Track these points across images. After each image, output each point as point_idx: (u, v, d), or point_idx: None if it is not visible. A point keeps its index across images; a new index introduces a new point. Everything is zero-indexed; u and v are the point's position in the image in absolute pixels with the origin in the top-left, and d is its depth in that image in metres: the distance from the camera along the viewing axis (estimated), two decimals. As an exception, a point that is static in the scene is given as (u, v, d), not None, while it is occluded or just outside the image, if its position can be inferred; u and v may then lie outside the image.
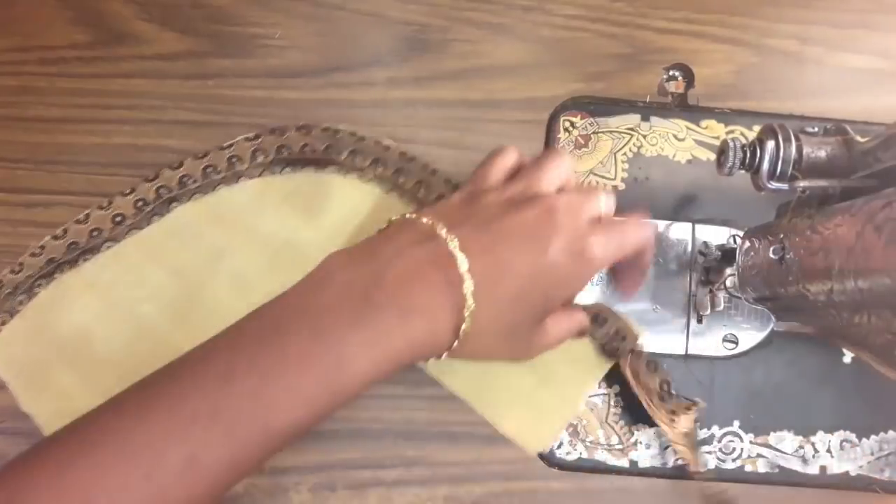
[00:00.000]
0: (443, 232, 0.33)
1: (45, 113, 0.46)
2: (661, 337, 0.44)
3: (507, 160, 0.38)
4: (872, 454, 0.43)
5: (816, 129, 0.34)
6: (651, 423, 0.42)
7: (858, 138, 0.33)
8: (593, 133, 0.46)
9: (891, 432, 0.43)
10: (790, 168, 0.33)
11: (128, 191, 0.43)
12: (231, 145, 0.44)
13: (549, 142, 0.46)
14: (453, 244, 0.32)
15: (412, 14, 0.47)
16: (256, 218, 0.43)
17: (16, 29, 0.46)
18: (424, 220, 0.34)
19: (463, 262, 0.32)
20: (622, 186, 0.45)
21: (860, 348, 0.30)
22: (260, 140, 0.44)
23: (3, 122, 0.46)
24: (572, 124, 0.46)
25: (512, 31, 0.47)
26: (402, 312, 0.31)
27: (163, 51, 0.47)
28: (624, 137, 0.46)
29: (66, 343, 0.41)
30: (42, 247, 0.42)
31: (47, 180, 0.45)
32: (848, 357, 0.44)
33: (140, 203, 0.43)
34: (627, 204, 0.45)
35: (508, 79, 0.47)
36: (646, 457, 0.42)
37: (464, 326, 0.32)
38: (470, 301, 0.32)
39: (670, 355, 0.43)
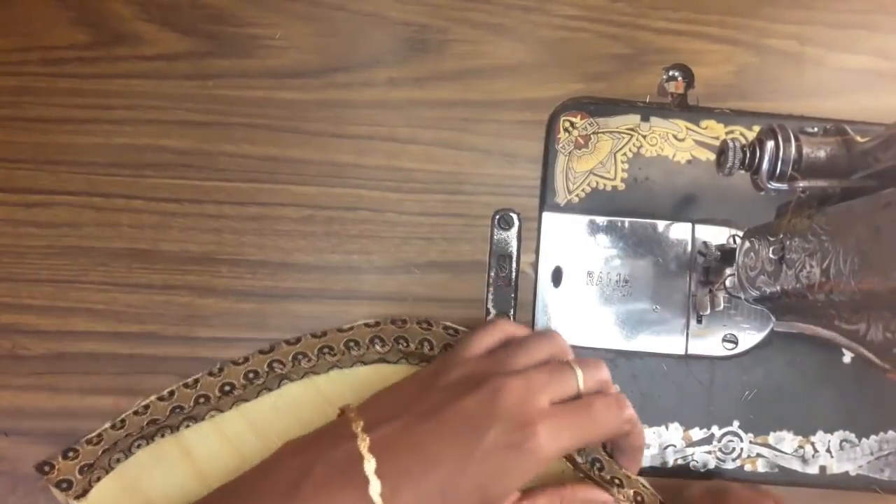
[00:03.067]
0: (358, 430, 0.32)
1: (45, 113, 0.46)
2: (660, 337, 0.44)
3: (491, 337, 0.37)
4: (872, 454, 0.43)
5: (816, 130, 0.34)
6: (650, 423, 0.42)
7: (858, 138, 0.33)
8: (593, 133, 0.46)
9: (890, 432, 0.43)
10: (790, 168, 0.33)
11: (241, 360, 0.41)
12: (351, 328, 0.42)
13: (549, 142, 0.46)
14: (363, 444, 0.32)
15: (412, 14, 0.47)
16: None
17: (16, 29, 0.46)
18: (352, 416, 0.34)
19: (370, 463, 0.31)
20: (622, 187, 0.45)
21: (860, 348, 0.30)
22: (380, 328, 0.42)
23: (4, 123, 0.46)
24: (572, 124, 0.46)
25: (512, 31, 0.47)
26: None
27: (163, 51, 0.47)
28: (624, 138, 0.46)
29: None
30: (146, 406, 0.40)
31: (48, 180, 0.45)
32: (848, 357, 0.44)
33: (251, 375, 0.41)
34: (628, 205, 0.45)
35: (508, 79, 0.47)
36: (645, 457, 0.42)
37: None
38: (378, 502, 0.31)
39: (670, 355, 0.44)
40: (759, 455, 0.43)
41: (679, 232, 0.45)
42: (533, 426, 0.31)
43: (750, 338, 0.44)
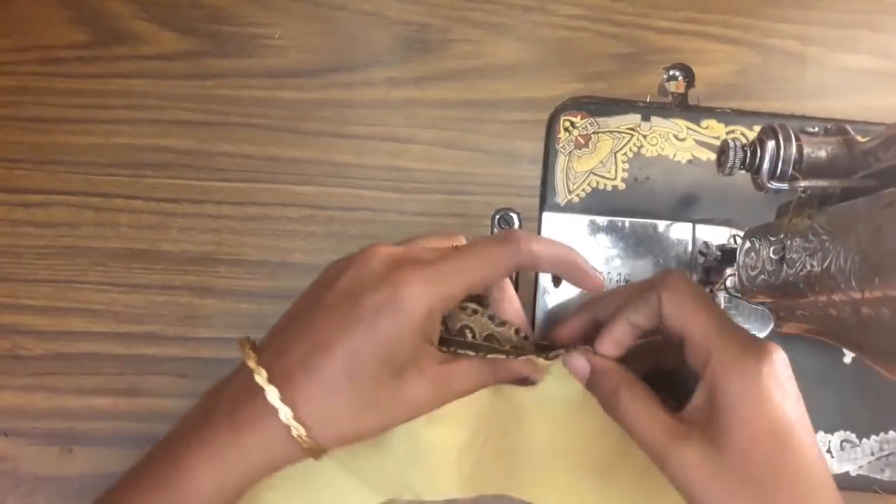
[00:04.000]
0: (252, 364, 0.30)
1: (43, 113, 0.46)
2: (661, 337, 0.44)
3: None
4: (873, 454, 0.43)
5: (817, 129, 0.34)
6: None
7: (859, 138, 0.33)
8: (594, 133, 0.46)
9: (891, 432, 0.43)
10: (790, 168, 0.33)
11: None
12: None
13: (550, 142, 0.46)
14: (260, 377, 0.29)
15: (412, 14, 0.47)
16: None
17: (15, 29, 0.46)
18: (247, 350, 0.31)
19: (272, 393, 0.29)
20: (622, 187, 0.45)
21: (860, 348, 0.30)
22: None
23: (2, 122, 0.46)
24: (572, 124, 0.46)
25: (512, 31, 0.47)
26: (233, 429, 0.30)
27: (162, 51, 0.46)
28: (624, 137, 0.46)
29: None
30: None
31: (46, 180, 0.45)
32: (848, 357, 0.44)
33: None
34: (628, 205, 0.45)
35: (508, 79, 0.47)
36: (646, 457, 0.42)
37: (294, 433, 0.29)
38: (285, 413, 0.29)
39: (670, 355, 0.43)
40: (759, 455, 0.43)
41: (679, 232, 0.45)
42: (402, 275, 0.29)
43: (750, 338, 0.43)
